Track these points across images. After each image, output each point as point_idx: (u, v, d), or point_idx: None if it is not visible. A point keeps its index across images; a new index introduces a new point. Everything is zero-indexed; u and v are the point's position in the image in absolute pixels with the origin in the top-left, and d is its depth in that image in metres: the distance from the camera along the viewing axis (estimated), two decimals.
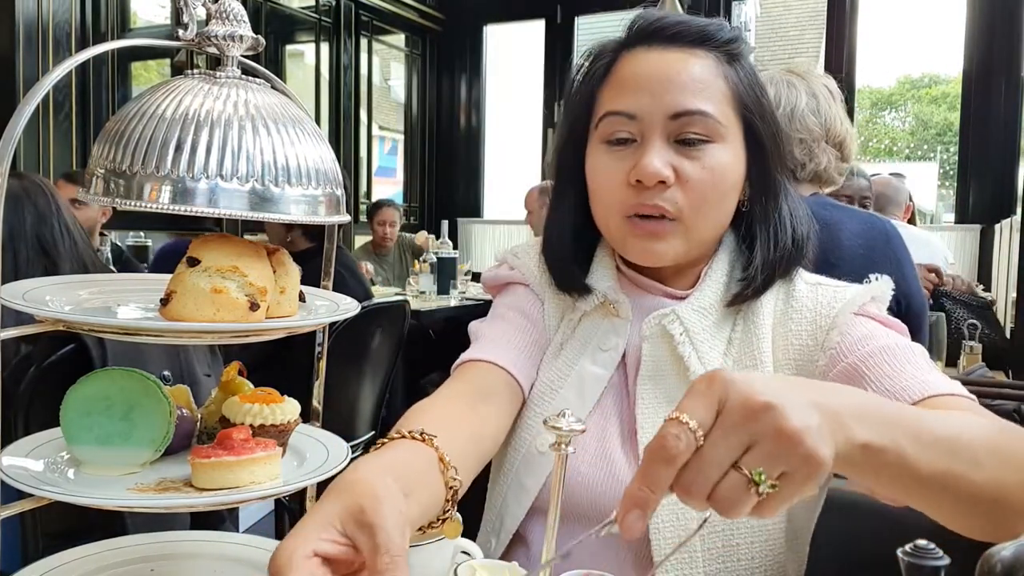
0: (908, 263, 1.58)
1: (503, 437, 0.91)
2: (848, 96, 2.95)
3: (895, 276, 0.95)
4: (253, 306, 0.65)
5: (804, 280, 0.95)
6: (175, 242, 4.00)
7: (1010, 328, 3.14)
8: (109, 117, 0.65)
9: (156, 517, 1.18)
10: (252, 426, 0.71)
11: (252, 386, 0.80)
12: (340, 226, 0.76)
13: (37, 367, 1.30)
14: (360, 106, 5.98)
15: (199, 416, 0.79)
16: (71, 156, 3.93)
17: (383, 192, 6.35)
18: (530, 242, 1.06)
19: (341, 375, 2.46)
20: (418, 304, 3.90)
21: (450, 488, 0.69)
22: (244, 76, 0.68)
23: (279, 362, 2.31)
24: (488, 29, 6.77)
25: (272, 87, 0.69)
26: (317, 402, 0.86)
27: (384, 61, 6.63)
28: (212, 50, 0.68)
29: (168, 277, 0.67)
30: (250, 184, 0.61)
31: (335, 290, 0.82)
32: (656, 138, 0.86)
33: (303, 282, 0.74)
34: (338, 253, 0.86)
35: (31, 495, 0.64)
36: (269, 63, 5.05)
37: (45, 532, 1.31)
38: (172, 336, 0.70)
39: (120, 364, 0.98)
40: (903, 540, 0.55)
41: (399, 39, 6.57)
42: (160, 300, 0.66)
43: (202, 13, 0.68)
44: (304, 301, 0.75)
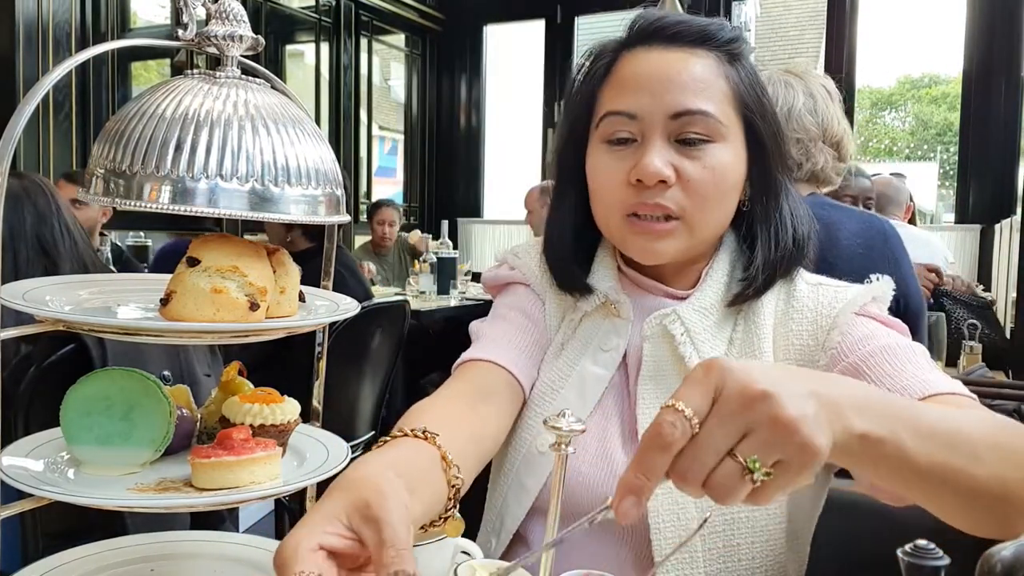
0: (906, 262, 1.58)
1: (504, 437, 0.91)
2: (848, 96, 2.96)
3: (893, 275, 0.95)
4: (253, 306, 0.65)
5: (805, 280, 0.95)
6: (175, 242, 4.00)
7: (1010, 328, 3.14)
8: (109, 117, 0.65)
9: (156, 517, 1.18)
10: (252, 426, 0.71)
11: (252, 386, 0.80)
12: (340, 226, 0.76)
13: (37, 367, 1.30)
14: (360, 106, 5.98)
15: (199, 416, 0.79)
16: (71, 156, 3.93)
17: (383, 192, 6.35)
18: (530, 242, 1.06)
19: (341, 375, 2.45)
20: (418, 304, 3.90)
21: (452, 487, 0.69)
22: (244, 76, 0.68)
23: (279, 362, 2.30)
24: (488, 29, 6.76)
25: (272, 87, 0.69)
26: (317, 402, 0.86)
27: (384, 61, 6.63)
28: (212, 50, 0.68)
29: (168, 277, 0.67)
30: (250, 184, 0.61)
31: (335, 290, 0.82)
32: (657, 138, 0.86)
33: (303, 282, 0.74)
34: (338, 253, 0.86)
35: (31, 495, 0.64)
36: (269, 63, 5.05)
37: (45, 532, 1.31)
38: (172, 336, 0.70)
39: (120, 364, 0.98)
40: (903, 540, 0.55)
41: (399, 39, 6.57)
42: (160, 300, 0.66)
43: (202, 13, 0.68)
44: (304, 301, 0.75)
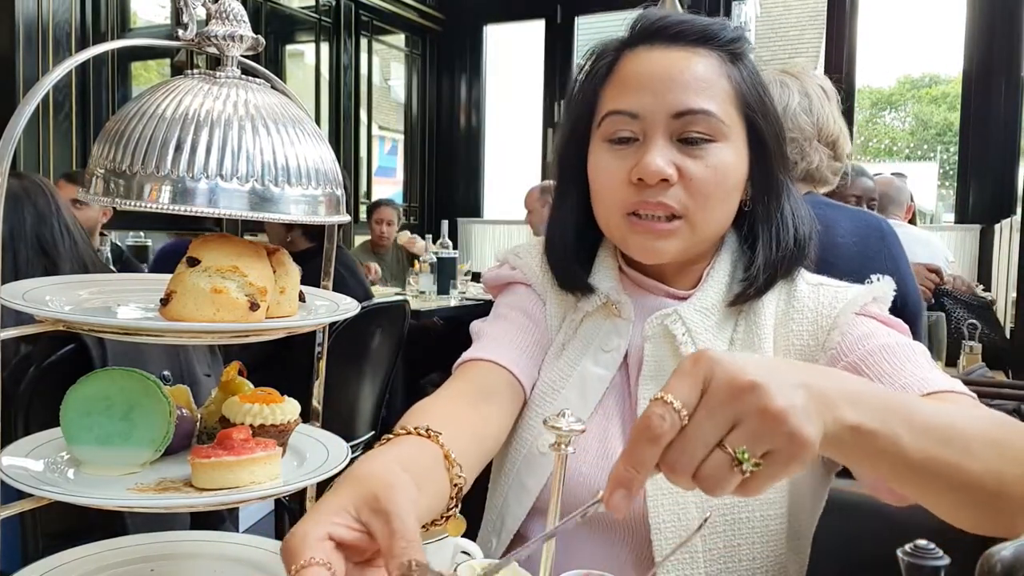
0: (904, 261, 1.58)
1: (504, 436, 0.91)
2: (848, 96, 2.95)
3: (891, 274, 0.95)
4: (253, 306, 0.65)
5: (806, 280, 0.95)
6: (175, 242, 3.99)
7: (1010, 328, 3.14)
8: (109, 117, 0.65)
9: (156, 517, 1.17)
10: (252, 426, 0.71)
11: (252, 386, 0.80)
12: (340, 226, 0.76)
13: (37, 367, 1.30)
14: (360, 106, 5.98)
15: (199, 416, 0.79)
16: (71, 156, 3.93)
17: (383, 192, 6.35)
18: (531, 242, 1.06)
19: (341, 375, 2.45)
20: (418, 304, 3.90)
21: (455, 485, 0.69)
22: (244, 76, 0.68)
23: (279, 362, 2.30)
24: (488, 29, 6.76)
25: (272, 87, 0.69)
26: (317, 402, 0.86)
27: (384, 61, 6.62)
28: (212, 50, 0.68)
29: (168, 277, 0.67)
30: (250, 184, 0.61)
31: (335, 290, 0.81)
32: (658, 137, 0.86)
33: (303, 282, 0.74)
34: (338, 253, 0.86)
35: (31, 495, 0.64)
36: (269, 63, 5.05)
37: (45, 532, 1.31)
38: (172, 336, 0.70)
39: (120, 364, 0.98)
40: (903, 540, 0.55)
41: (399, 39, 6.56)
42: (160, 300, 0.66)
43: (202, 13, 0.68)
44: (304, 301, 0.75)
